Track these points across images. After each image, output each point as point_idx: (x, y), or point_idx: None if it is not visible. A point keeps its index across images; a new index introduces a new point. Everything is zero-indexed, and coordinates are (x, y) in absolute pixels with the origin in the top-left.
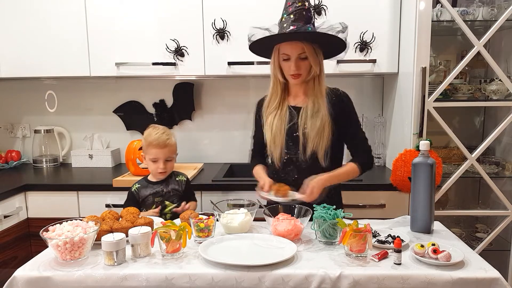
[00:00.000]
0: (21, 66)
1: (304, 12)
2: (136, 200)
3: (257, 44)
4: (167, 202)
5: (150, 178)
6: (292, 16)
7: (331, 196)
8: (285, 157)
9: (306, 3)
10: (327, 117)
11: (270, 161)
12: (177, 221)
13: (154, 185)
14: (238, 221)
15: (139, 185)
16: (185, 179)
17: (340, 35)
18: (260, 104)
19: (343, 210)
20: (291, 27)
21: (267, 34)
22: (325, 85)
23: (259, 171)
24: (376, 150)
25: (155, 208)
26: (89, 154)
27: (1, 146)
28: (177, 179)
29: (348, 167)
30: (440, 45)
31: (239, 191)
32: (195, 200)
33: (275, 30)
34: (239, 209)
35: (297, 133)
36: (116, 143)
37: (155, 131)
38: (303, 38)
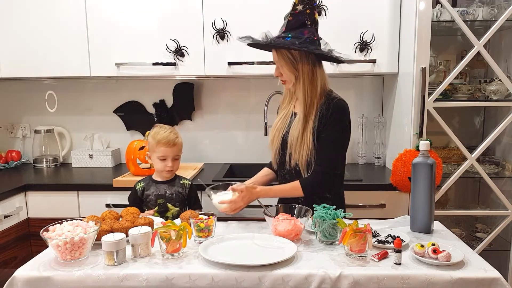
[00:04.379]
0: (21, 66)
1: (291, 17)
2: (138, 197)
3: (253, 46)
4: (169, 205)
5: (154, 177)
6: (284, 20)
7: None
8: (278, 161)
9: (299, 7)
10: (310, 129)
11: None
12: (177, 221)
13: (158, 185)
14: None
15: (143, 183)
16: (189, 183)
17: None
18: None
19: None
20: (278, 33)
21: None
22: (319, 93)
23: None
24: (376, 150)
25: (157, 209)
26: (89, 154)
27: (1, 146)
28: (181, 182)
29: (292, 185)
30: (440, 45)
31: None
32: (200, 208)
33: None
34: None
35: (287, 141)
36: (116, 143)
37: (163, 130)
38: (259, 47)
